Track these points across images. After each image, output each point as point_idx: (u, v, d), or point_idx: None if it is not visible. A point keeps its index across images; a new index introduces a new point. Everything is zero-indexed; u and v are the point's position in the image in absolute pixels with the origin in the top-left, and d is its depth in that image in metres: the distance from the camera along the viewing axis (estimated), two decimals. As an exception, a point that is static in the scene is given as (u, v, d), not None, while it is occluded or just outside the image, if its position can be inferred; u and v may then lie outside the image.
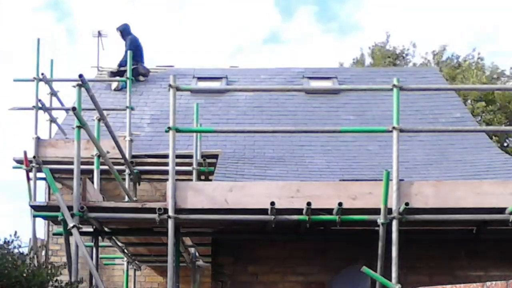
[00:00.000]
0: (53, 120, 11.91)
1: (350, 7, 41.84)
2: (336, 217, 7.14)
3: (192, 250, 10.05)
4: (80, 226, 7.38)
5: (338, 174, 10.02)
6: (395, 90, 7.30)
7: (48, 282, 5.73)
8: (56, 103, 12.07)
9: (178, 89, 7.37)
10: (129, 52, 11.71)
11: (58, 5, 43.55)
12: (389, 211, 7.07)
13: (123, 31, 14.32)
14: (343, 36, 41.83)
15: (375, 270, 7.10)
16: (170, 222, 7.07)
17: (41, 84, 11.15)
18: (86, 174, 8.43)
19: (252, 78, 14.72)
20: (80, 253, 7.28)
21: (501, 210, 7.12)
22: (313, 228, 7.52)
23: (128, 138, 11.17)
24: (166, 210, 7.10)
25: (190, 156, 10.82)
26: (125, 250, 10.11)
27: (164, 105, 12.75)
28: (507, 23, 35.89)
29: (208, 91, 13.81)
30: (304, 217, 7.16)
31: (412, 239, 7.67)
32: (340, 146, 11.74)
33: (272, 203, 6.99)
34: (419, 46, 26.12)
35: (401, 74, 12.94)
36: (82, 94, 7.69)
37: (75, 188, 7.37)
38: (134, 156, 11.28)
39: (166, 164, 7.50)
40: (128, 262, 10.82)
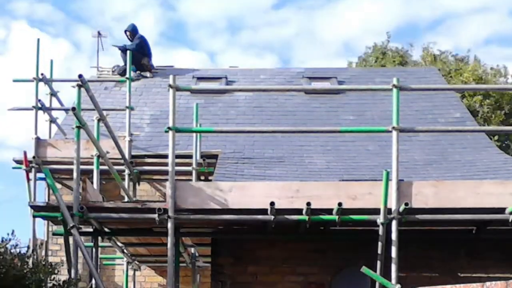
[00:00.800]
0: (53, 120, 11.91)
1: None
2: (336, 217, 7.13)
3: (192, 250, 10.05)
4: (80, 226, 7.39)
5: (338, 174, 10.02)
6: (394, 90, 7.29)
7: (46, 280, 5.72)
8: (55, 103, 12.08)
9: (177, 89, 7.37)
10: (129, 52, 11.71)
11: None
12: (389, 211, 7.07)
13: (132, 31, 14.47)
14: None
15: (375, 270, 7.10)
16: (170, 222, 7.06)
17: (41, 84, 11.15)
18: (85, 174, 8.45)
19: (251, 78, 14.72)
20: (79, 253, 7.28)
21: (501, 210, 7.11)
22: (313, 228, 7.52)
23: (127, 138, 11.17)
24: (165, 210, 7.09)
25: (189, 156, 10.82)
26: (125, 250, 10.11)
27: (164, 105, 12.74)
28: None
29: (207, 91, 13.80)
30: (304, 217, 7.16)
31: (412, 239, 7.66)
32: (340, 146, 11.74)
33: (272, 203, 6.99)
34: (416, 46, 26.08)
35: (400, 74, 12.91)
36: (82, 94, 7.70)
37: (75, 188, 7.37)
38: (133, 156, 11.28)
39: (166, 164, 7.49)
40: (128, 262, 10.82)
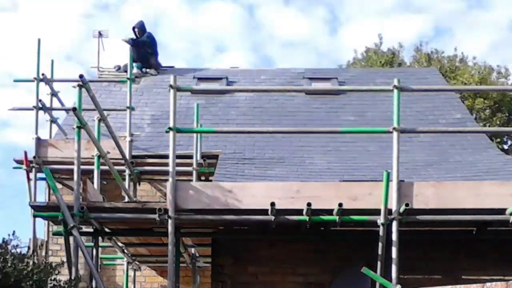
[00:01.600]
0: (53, 120, 11.91)
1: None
2: (336, 217, 7.13)
3: (192, 250, 10.05)
4: (80, 226, 7.39)
5: (338, 174, 10.02)
6: (395, 91, 7.30)
7: (46, 280, 5.72)
8: (56, 103, 12.08)
9: (178, 89, 7.37)
10: (130, 52, 11.72)
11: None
12: (389, 211, 7.07)
13: (141, 28, 14.60)
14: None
15: (375, 271, 7.10)
16: (170, 223, 7.07)
17: (42, 84, 11.15)
18: (86, 175, 8.45)
19: (252, 78, 14.73)
20: (80, 254, 7.28)
21: (501, 211, 7.11)
22: (313, 228, 7.52)
23: (128, 138, 11.17)
24: (166, 211, 7.09)
25: (190, 157, 10.82)
26: (125, 251, 10.11)
27: (165, 105, 12.74)
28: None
29: (208, 92, 13.81)
30: (304, 217, 7.16)
31: (412, 240, 7.66)
32: (340, 147, 11.74)
33: (272, 204, 6.99)
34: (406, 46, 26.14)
35: (401, 75, 12.90)
36: (83, 95, 7.70)
37: (75, 188, 7.37)
38: (134, 157, 11.28)
39: (166, 165, 7.49)
40: (128, 263, 10.82)
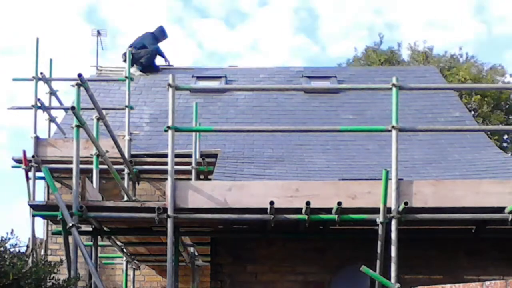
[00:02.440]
0: (52, 120, 11.90)
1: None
2: (335, 216, 7.13)
3: (191, 249, 10.05)
4: (79, 225, 7.38)
5: (337, 173, 10.02)
6: (394, 89, 7.29)
7: (45, 279, 5.72)
8: (55, 102, 12.08)
9: (177, 88, 7.37)
10: (128, 51, 11.71)
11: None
12: (388, 210, 7.06)
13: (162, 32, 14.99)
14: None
15: (374, 270, 7.09)
16: (169, 222, 7.06)
17: (40, 83, 11.14)
18: (85, 174, 8.43)
19: (251, 77, 14.72)
20: (79, 253, 7.27)
21: (500, 210, 7.11)
22: (312, 227, 7.52)
23: (127, 137, 11.16)
24: (165, 210, 7.09)
25: (189, 156, 10.81)
26: (124, 250, 10.10)
27: (163, 104, 12.75)
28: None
29: (207, 91, 13.81)
30: (304, 216, 7.16)
31: (411, 239, 7.66)
32: (339, 146, 11.74)
33: (272, 203, 6.98)
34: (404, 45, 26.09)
35: (400, 73, 12.87)
36: (81, 93, 7.69)
37: (74, 187, 7.36)
38: (133, 156, 11.27)
39: (165, 164, 7.49)
40: (127, 262, 10.81)
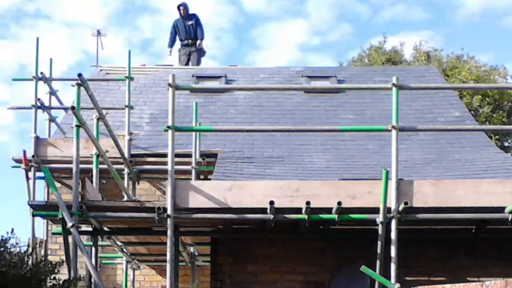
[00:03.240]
0: (52, 119, 11.90)
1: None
2: (335, 216, 7.13)
3: (191, 249, 10.05)
4: (79, 225, 7.38)
5: (337, 173, 10.02)
6: (394, 89, 7.29)
7: (45, 279, 5.71)
8: (55, 102, 12.07)
9: (177, 88, 7.36)
10: (129, 51, 11.71)
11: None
12: (388, 210, 7.06)
13: (185, 8, 15.09)
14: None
15: (374, 269, 7.09)
16: (169, 221, 7.06)
17: (40, 83, 11.14)
18: (85, 173, 8.44)
19: (251, 77, 14.71)
20: (79, 253, 7.27)
21: (500, 209, 7.11)
22: (312, 227, 7.52)
23: (127, 137, 11.16)
24: (165, 209, 7.09)
25: (189, 155, 10.81)
26: (124, 250, 10.11)
27: (163, 104, 12.75)
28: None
29: (207, 90, 13.80)
30: (304, 216, 7.16)
31: (411, 238, 7.66)
32: (339, 145, 11.74)
33: (272, 202, 6.98)
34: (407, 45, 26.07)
35: (400, 73, 12.90)
36: (81, 93, 7.69)
37: (74, 187, 7.36)
38: (133, 155, 11.27)
39: (165, 163, 7.49)
40: (127, 262, 10.81)
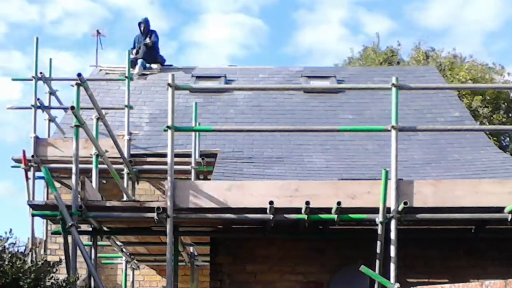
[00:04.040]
0: (51, 119, 11.90)
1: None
2: (335, 216, 7.13)
3: (191, 249, 10.05)
4: (79, 225, 7.38)
5: (336, 173, 10.02)
6: (393, 89, 7.29)
7: (44, 279, 5.71)
8: (54, 102, 12.07)
9: (176, 88, 7.36)
10: (128, 51, 11.71)
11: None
12: (387, 210, 7.06)
13: (146, 24, 14.92)
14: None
15: (374, 269, 7.09)
16: (169, 221, 7.06)
17: (40, 83, 11.13)
18: (84, 173, 8.43)
19: (250, 77, 14.72)
20: (78, 252, 7.27)
21: (500, 209, 7.11)
22: (312, 227, 7.52)
23: (126, 137, 11.16)
24: (164, 209, 7.08)
25: (188, 155, 10.82)
26: (124, 249, 10.10)
27: (163, 104, 12.75)
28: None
29: (206, 90, 13.80)
30: (303, 216, 7.15)
31: (411, 238, 7.66)
32: (339, 145, 11.74)
33: (271, 202, 6.98)
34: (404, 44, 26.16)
35: (399, 73, 12.91)
36: (81, 93, 7.69)
37: (74, 187, 7.35)
38: (132, 155, 11.27)
39: (165, 163, 7.49)
40: (127, 261, 10.81)
